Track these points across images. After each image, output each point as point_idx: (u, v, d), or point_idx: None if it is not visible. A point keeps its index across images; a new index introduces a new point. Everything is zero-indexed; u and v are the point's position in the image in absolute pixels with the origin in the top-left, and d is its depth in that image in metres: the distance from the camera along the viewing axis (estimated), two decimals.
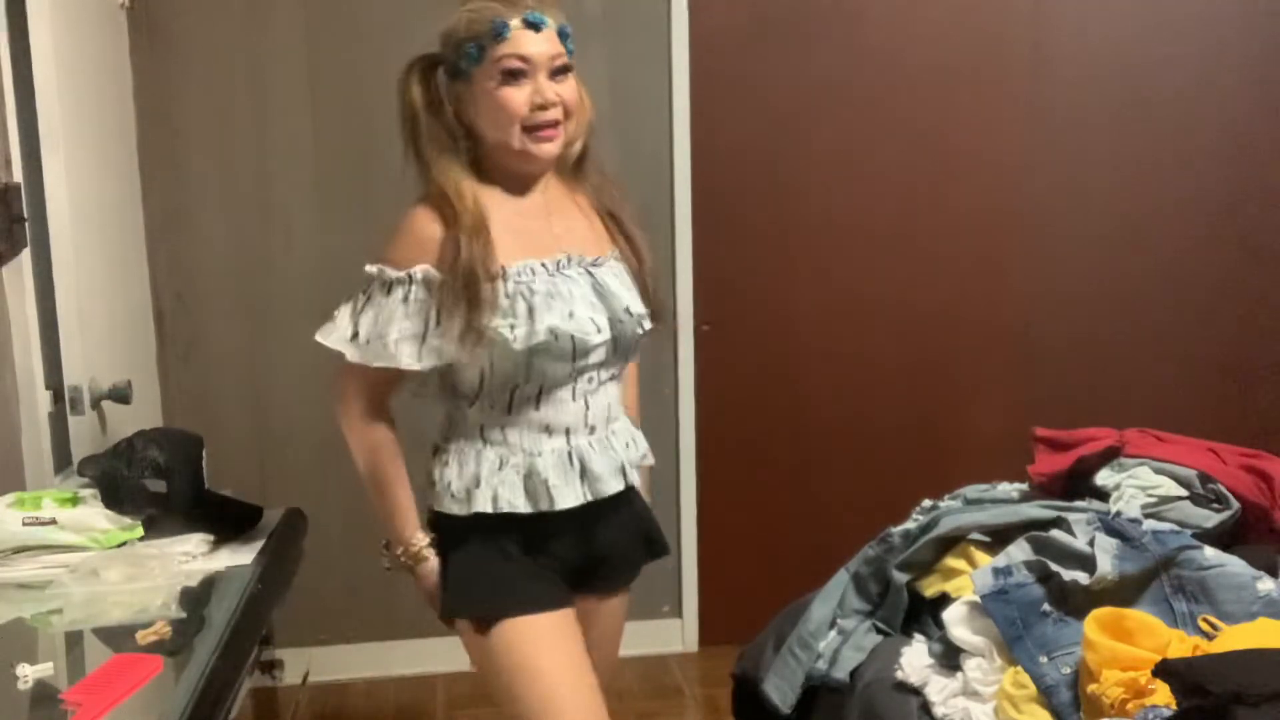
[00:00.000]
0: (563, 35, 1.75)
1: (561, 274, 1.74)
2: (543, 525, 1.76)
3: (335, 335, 1.78)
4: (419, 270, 1.71)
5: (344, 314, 1.78)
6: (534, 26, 1.70)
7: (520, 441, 1.75)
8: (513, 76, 1.70)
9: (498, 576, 1.77)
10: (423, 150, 1.77)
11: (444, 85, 1.78)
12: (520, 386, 1.73)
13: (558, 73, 1.73)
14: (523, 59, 1.70)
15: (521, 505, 1.74)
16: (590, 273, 1.77)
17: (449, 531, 1.79)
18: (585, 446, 1.77)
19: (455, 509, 1.76)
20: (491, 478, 1.74)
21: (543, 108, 1.70)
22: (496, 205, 1.76)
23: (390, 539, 1.83)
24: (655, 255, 1.92)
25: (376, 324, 1.73)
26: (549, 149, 1.74)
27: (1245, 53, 3.47)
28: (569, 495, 1.75)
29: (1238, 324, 3.57)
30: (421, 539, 1.81)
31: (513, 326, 1.69)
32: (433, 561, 1.81)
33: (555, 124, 1.72)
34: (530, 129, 1.71)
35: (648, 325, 1.82)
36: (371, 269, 1.75)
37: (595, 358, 1.75)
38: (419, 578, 1.83)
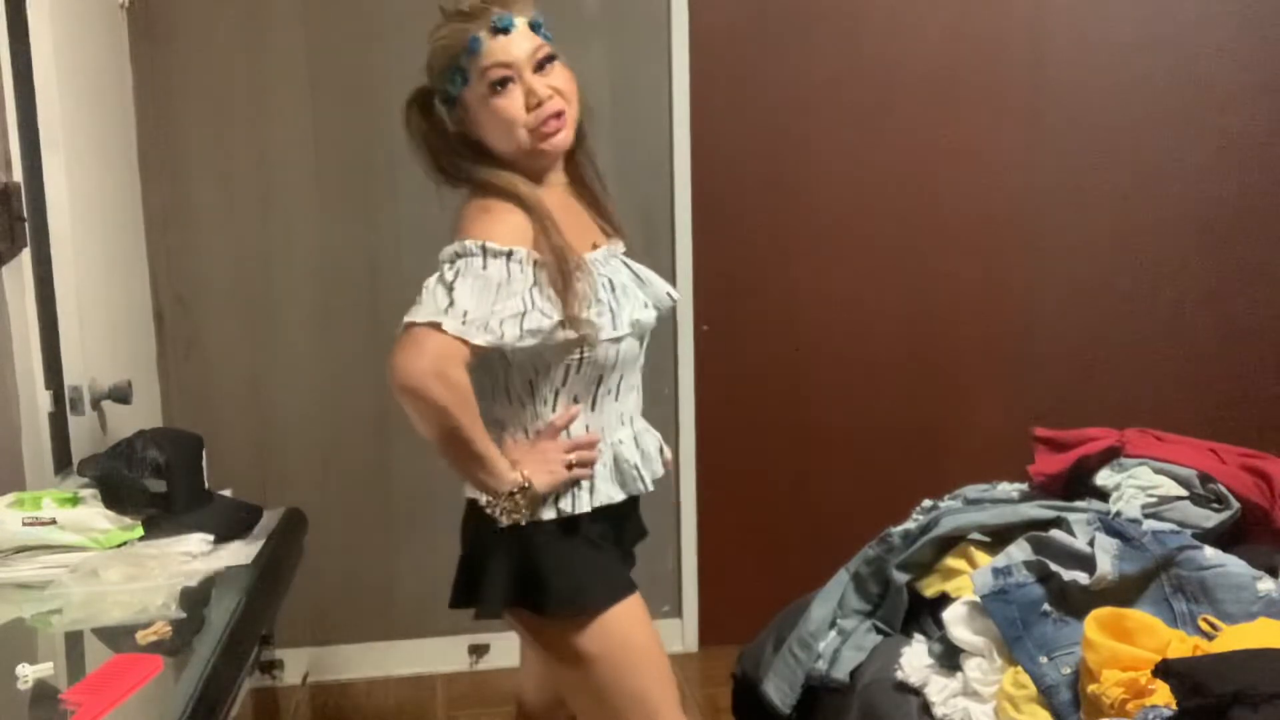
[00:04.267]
0: (535, 27, 1.74)
1: (608, 261, 1.80)
2: (616, 514, 1.82)
3: (429, 309, 1.62)
4: (522, 250, 1.67)
5: (436, 289, 1.64)
6: (503, 30, 1.70)
7: (605, 436, 1.79)
8: (501, 85, 1.70)
9: (599, 567, 1.79)
10: (449, 166, 1.77)
11: (444, 112, 1.80)
12: (605, 378, 1.76)
13: (543, 65, 1.73)
14: (504, 65, 1.70)
15: (617, 494, 1.79)
16: (626, 263, 1.84)
17: (531, 535, 1.74)
18: (643, 430, 1.87)
19: (548, 515, 1.74)
20: (598, 471, 1.78)
21: (539, 104, 1.71)
22: (550, 200, 1.77)
23: (492, 490, 1.70)
24: (654, 255, 1.98)
25: (480, 297, 1.62)
26: (561, 138, 1.75)
27: (1244, 57, 3.47)
28: (636, 486, 1.82)
29: (1237, 324, 3.57)
30: (518, 472, 1.70)
31: (599, 315, 1.71)
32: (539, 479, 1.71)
33: (559, 114, 1.73)
34: (534, 129, 1.72)
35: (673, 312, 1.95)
36: (472, 243, 1.64)
37: (645, 344, 1.83)
38: (539, 499, 1.72)
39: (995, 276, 3.49)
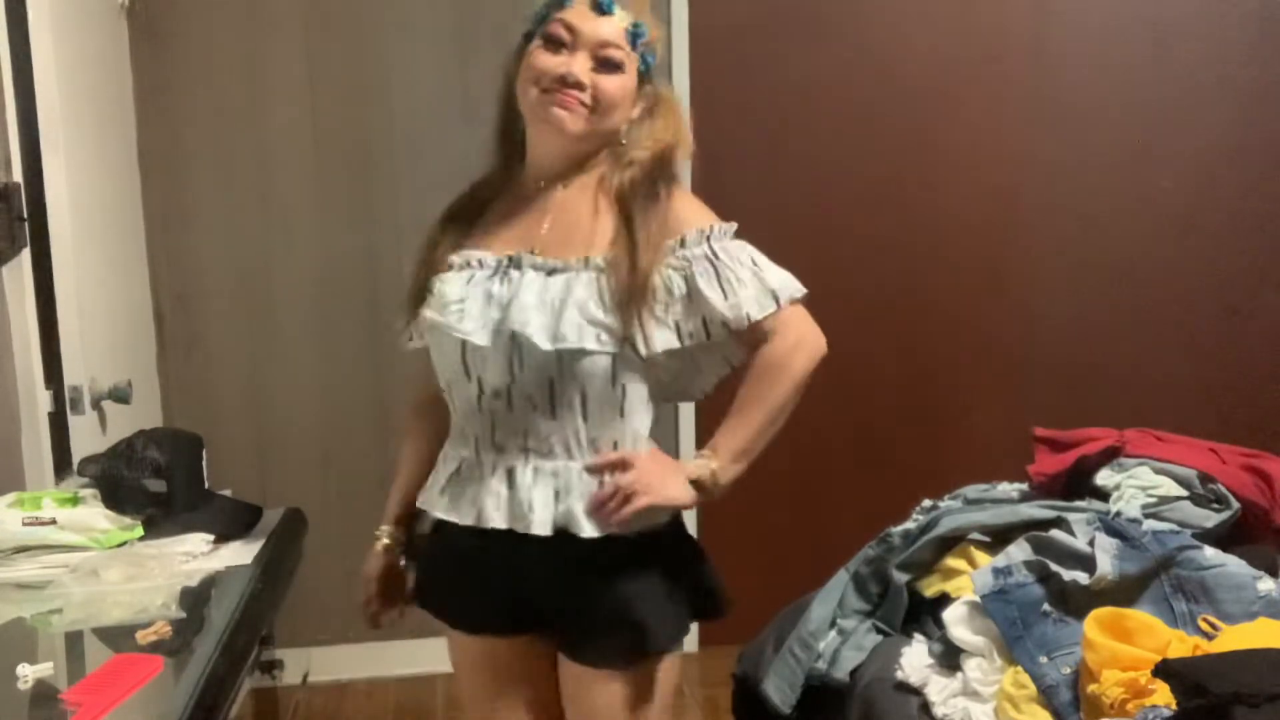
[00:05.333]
0: (633, 35, 1.61)
1: (501, 272, 1.61)
2: (470, 537, 1.63)
3: None
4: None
5: None
6: (599, 7, 1.59)
7: (452, 444, 1.68)
8: (553, 43, 1.59)
9: (423, 576, 1.78)
10: (495, 140, 1.72)
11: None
12: (439, 380, 1.68)
13: (604, 63, 1.59)
14: (568, 29, 1.59)
15: (437, 508, 1.67)
16: (523, 277, 1.60)
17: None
18: (487, 465, 1.61)
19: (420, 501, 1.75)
20: (437, 475, 1.70)
21: (563, 80, 1.57)
22: (513, 193, 1.69)
23: None
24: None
25: None
26: (562, 115, 1.58)
27: (1247, 52, 3.47)
28: (454, 511, 1.64)
29: (1238, 324, 3.57)
30: (383, 530, 1.80)
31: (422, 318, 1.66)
32: (375, 553, 1.80)
33: (579, 100, 1.58)
34: (546, 89, 1.58)
35: (567, 344, 1.54)
36: None
37: (494, 367, 1.58)
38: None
39: (996, 276, 3.49)
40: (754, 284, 1.65)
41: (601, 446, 1.60)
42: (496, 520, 1.59)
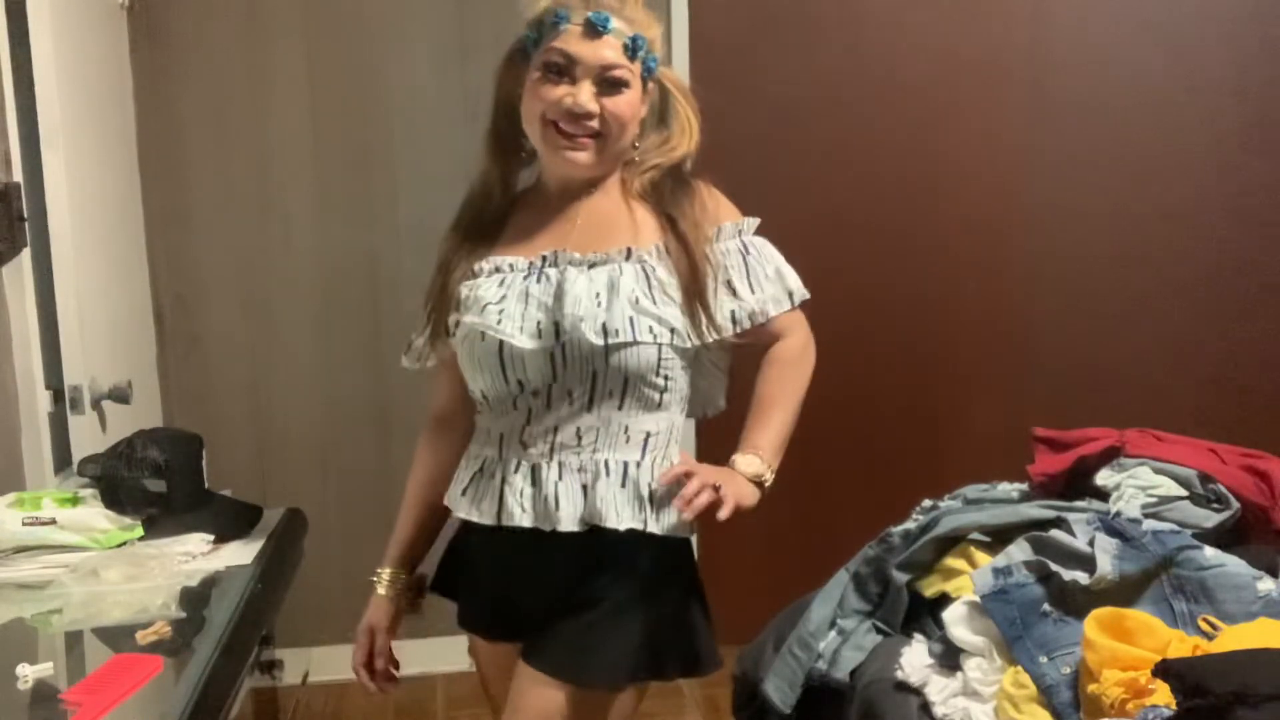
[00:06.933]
0: (630, 48, 1.57)
1: (534, 272, 1.59)
2: (475, 536, 1.68)
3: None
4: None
5: None
6: (593, 28, 1.54)
7: (476, 444, 1.67)
8: (554, 72, 1.56)
9: (451, 578, 1.81)
10: (486, 143, 1.68)
11: (520, 63, 1.65)
12: (470, 386, 1.66)
13: (610, 85, 1.56)
14: (565, 56, 1.55)
15: (460, 508, 1.66)
16: (564, 273, 1.58)
17: None
18: (511, 463, 1.59)
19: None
20: (460, 476, 1.69)
21: (571, 113, 1.55)
22: (531, 203, 1.68)
23: None
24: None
25: None
26: (576, 158, 1.58)
27: (1244, 54, 3.47)
28: (474, 510, 1.63)
29: (1238, 323, 3.57)
30: (382, 574, 1.83)
31: (457, 322, 1.62)
32: (377, 602, 1.87)
33: (588, 132, 1.57)
34: (556, 128, 1.57)
35: (619, 338, 1.52)
36: None
37: (534, 366, 1.56)
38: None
39: (996, 276, 3.49)
40: (777, 282, 1.71)
41: (632, 436, 1.60)
42: (520, 518, 1.57)
